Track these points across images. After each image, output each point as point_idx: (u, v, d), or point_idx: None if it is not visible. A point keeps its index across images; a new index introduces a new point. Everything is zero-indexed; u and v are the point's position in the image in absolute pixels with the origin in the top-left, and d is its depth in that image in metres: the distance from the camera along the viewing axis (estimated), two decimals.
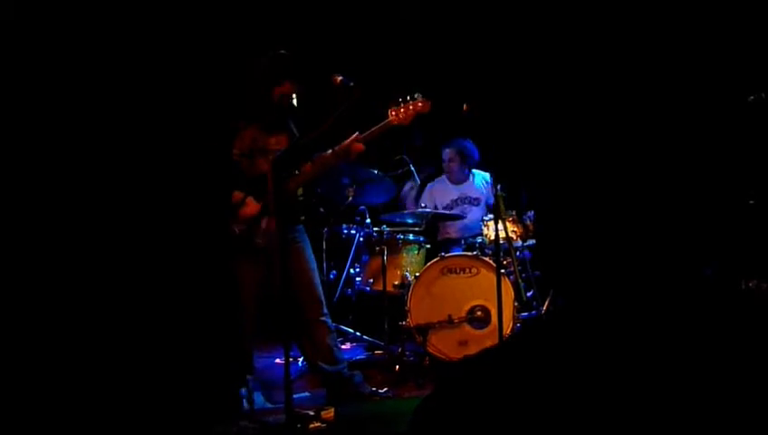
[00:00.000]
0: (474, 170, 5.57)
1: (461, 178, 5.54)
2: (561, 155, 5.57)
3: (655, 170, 5.22)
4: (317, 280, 3.93)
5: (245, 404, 3.84)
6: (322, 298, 3.93)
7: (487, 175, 5.51)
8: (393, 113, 3.75)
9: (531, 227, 4.89)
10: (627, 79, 5.31)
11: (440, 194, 5.56)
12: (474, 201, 5.46)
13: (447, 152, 5.49)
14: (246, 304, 3.82)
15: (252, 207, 3.76)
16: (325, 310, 3.92)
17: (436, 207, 5.44)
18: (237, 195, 3.76)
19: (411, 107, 3.73)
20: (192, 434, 3.57)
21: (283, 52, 3.87)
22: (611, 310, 2.17)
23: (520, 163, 5.31)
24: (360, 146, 3.77)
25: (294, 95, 3.90)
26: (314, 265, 3.96)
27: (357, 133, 3.78)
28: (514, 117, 5.53)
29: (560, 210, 5.47)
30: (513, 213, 4.85)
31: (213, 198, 3.89)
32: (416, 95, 3.74)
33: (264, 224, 3.77)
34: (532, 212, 4.93)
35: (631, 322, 2.12)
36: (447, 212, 5.36)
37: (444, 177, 5.62)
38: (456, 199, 5.50)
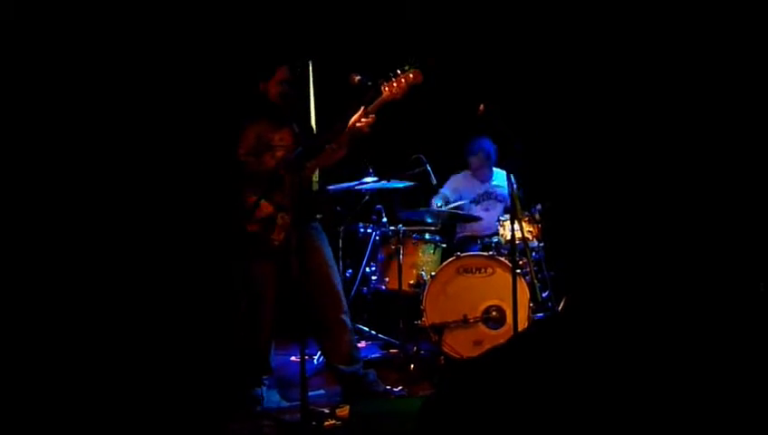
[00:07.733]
0: (494, 169, 5.59)
1: (488, 177, 5.57)
2: (582, 155, 5.54)
3: (676, 171, 5.18)
4: (337, 278, 3.89)
5: (261, 402, 3.87)
6: (343, 297, 3.89)
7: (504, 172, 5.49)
8: (386, 88, 3.59)
9: (538, 218, 4.87)
10: (653, 76, 5.26)
11: (467, 187, 5.56)
12: (498, 197, 5.47)
13: (479, 152, 5.48)
14: (264, 303, 3.82)
15: (266, 206, 3.73)
16: (346, 308, 3.89)
17: (461, 198, 5.44)
18: (251, 198, 3.70)
19: (403, 79, 3.56)
20: (208, 432, 3.60)
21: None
22: (618, 311, 2.16)
23: (537, 163, 5.30)
24: (371, 119, 3.62)
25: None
26: (333, 262, 3.93)
27: (363, 107, 3.63)
28: (530, 116, 5.50)
29: (576, 211, 5.44)
30: (529, 212, 4.84)
31: (225, 198, 3.88)
32: (406, 67, 3.59)
33: (279, 221, 3.75)
34: (539, 206, 4.91)
35: (637, 323, 2.11)
36: (466, 213, 5.35)
37: (468, 172, 5.63)
38: (483, 194, 5.53)
